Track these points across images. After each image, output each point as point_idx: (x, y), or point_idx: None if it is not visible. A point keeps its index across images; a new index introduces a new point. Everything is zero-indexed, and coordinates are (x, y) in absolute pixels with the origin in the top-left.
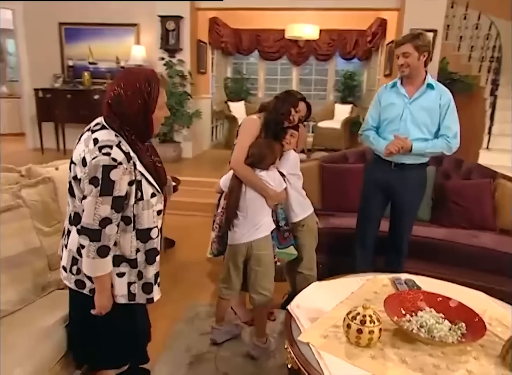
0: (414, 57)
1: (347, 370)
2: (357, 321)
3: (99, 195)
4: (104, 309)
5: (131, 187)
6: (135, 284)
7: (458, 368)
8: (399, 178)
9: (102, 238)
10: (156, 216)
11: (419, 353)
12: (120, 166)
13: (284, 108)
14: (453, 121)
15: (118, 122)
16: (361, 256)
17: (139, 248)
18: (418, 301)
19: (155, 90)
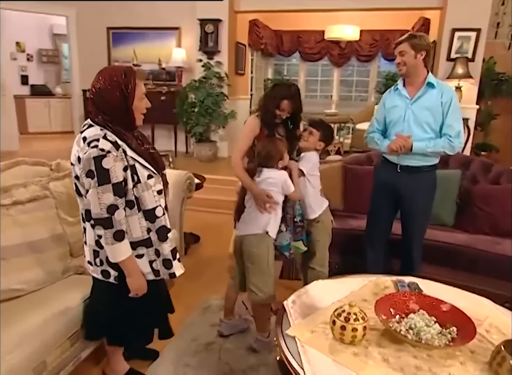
0: (410, 56)
1: (327, 365)
2: (341, 318)
3: (98, 185)
4: (139, 290)
5: (126, 172)
6: (155, 261)
7: (440, 371)
8: (405, 181)
9: (114, 224)
10: (157, 195)
11: (403, 354)
12: (109, 154)
13: (269, 105)
14: (456, 119)
15: (101, 116)
16: (371, 258)
17: (150, 228)
18: (411, 303)
19: (131, 83)
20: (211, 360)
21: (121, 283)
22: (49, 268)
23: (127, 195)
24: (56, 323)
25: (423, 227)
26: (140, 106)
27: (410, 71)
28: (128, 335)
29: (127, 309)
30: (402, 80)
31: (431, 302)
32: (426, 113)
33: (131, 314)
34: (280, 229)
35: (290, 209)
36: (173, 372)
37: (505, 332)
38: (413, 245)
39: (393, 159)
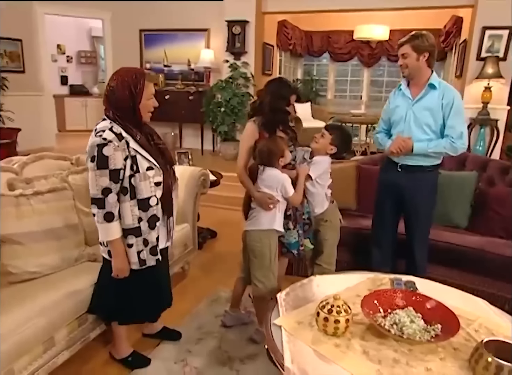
0: (413, 58)
1: (308, 354)
2: (325, 310)
3: (97, 168)
4: (120, 272)
5: (126, 161)
6: (143, 251)
7: (418, 365)
8: (406, 181)
9: (106, 205)
10: (154, 186)
11: (384, 348)
12: (110, 143)
13: (280, 105)
14: (458, 121)
15: (112, 111)
16: (377, 257)
17: (141, 217)
18: (397, 300)
19: (140, 84)
20: (211, 348)
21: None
22: (63, 254)
23: (122, 182)
24: (65, 304)
25: (425, 227)
26: (148, 104)
27: (413, 73)
28: (129, 312)
29: (129, 288)
30: (406, 81)
31: (417, 299)
32: (426, 114)
33: (132, 292)
34: (288, 226)
35: (300, 206)
36: (174, 357)
37: (494, 332)
38: (415, 245)
39: (394, 158)
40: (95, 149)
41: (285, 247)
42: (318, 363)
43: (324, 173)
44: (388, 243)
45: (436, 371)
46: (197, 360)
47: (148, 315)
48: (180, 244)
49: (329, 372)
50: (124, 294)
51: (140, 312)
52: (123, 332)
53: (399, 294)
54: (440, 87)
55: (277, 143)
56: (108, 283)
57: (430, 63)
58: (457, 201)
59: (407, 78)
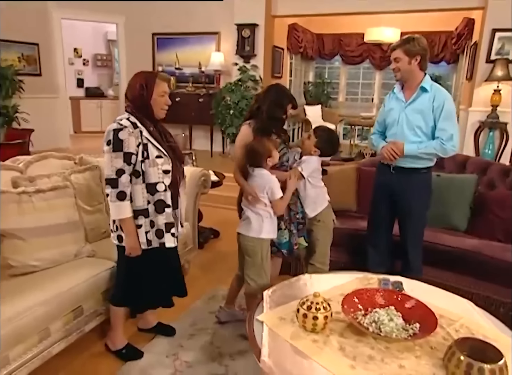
0: (405, 62)
1: (285, 348)
2: (304, 306)
3: (112, 151)
4: (133, 250)
5: (139, 147)
6: (150, 232)
7: (392, 361)
8: (398, 182)
9: (119, 185)
10: (162, 173)
11: (362, 345)
12: (125, 129)
13: (277, 113)
14: (448, 123)
15: (129, 106)
16: (373, 257)
17: (149, 200)
18: (378, 299)
19: (149, 82)
20: (203, 343)
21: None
22: (63, 249)
23: (135, 165)
24: (61, 297)
25: (418, 228)
26: (160, 101)
27: (405, 76)
28: (139, 297)
29: (138, 273)
30: (400, 84)
31: (398, 298)
32: (418, 116)
33: (144, 277)
34: (279, 226)
35: (294, 206)
36: (167, 351)
37: (474, 332)
38: (409, 246)
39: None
40: (111, 133)
41: (276, 247)
42: (295, 358)
43: (314, 172)
44: (383, 244)
45: (409, 368)
46: (189, 354)
47: (161, 300)
48: (179, 242)
49: (304, 366)
50: (137, 280)
51: (153, 297)
52: (120, 324)
53: (380, 293)
54: (432, 90)
55: (264, 144)
56: (122, 270)
57: (423, 66)
58: (457, 203)
59: (400, 82)
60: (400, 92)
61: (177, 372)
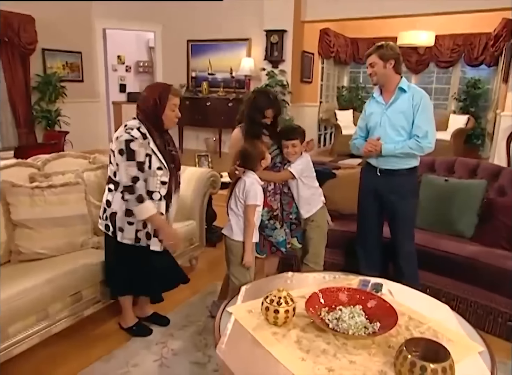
0: (380, 66)
1: (245, 338)
2: (267, 300)
3: (126, 160)
4: (173, 239)
5: (146, 158)
6: (141, 231)
7: (343, 357)
8: (384, 184)
9: (136, 190)
10: (160, 184)
11: (320, 340)
12: (136, 140)
13: (255, 116)
14: (424, 120)
15: (141, 115)
16: (364, 260)
17: None
18: (342, 297)
19: (163, 97)
20: (192, 334)
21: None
22: (69, 239)
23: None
24: (59, 281)
25: (406, 230)
26: (171, 115)
27: (382, 80)
28: (129, 285)
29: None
30: (379, 89)
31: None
32: (400, 116)
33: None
34: (275, 226)
35: (287, 206)
36: (157, 339)
37: (439, 336)
38: (398, 249)
39: (373, 162)
40: (123, 144)
41: (274, 246)
42: (251, 347)
43: (306, 171)
44: (374, 246)
45: (359, 364)
46: (177, 343)
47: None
48: (185, 239)
49: (257, 356)
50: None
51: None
52: (128, 306)
53: (344, 292)
54: (410, 90)
55: (257, 146)
56: (110, 258)
57: (398, 70)
58: (464, 210)
59: (379, 86)
60: (380, 96)
61: (162, 358)
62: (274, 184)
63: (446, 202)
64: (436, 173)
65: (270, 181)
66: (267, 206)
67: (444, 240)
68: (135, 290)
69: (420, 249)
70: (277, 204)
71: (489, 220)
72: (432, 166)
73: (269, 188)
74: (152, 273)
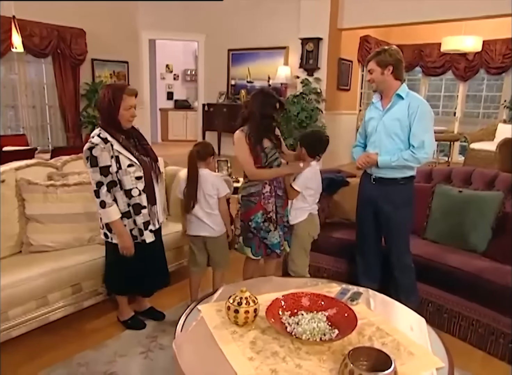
0: (377, 72)
1: (204, 335)
2: (230, 300)
3: (90, 166)
4: (127, 249)
5: (112, 160)
6: (134, 229)
7: (291, 360)
8: (379, 193)
9: (100, 195)
10: (135, 180)
11: (275, 342)
12: (97, 146)
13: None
14: (420, 129)
15: (100, 118)
16: (362, 268)
17: (129, 203)
18: (305, 303)
19: (117, 97)
20: None
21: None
22: (77, 235)
23: (112, 176)
24: (59, 272)
25: (400, 240)
26: (126, 114)
27: (380, 86)
28: (124, 286)
29: (124, 265)
30: (379, 95)
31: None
32: (395, 123)
33: (127, 269)
34: (269, 228)
35: (280, 209)
36: (148, 333)
37: (402, 348)
38: (394, 259)
39: (369, 170)
40: (87, 152)
41: (269, 248)
42: (207, 344)
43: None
44: (372, 254)
45: (304, 369)
46: (166, 338)
47: (144, 288)
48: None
49: (209, 352)
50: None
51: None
52: (123, 301)
53: (307, 298)
54: (408, 97)
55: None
56: (110, 262)
57: (397, 75)
58: (477, 223)
59: (379, 92)
60: (379, 101)
61: (149, 351)
62: (269, 187)
63: (459, 215)
64: (452, 184)
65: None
66: (261, 209)
67: (452, 254)
68: (129, 290)
69: (424, 262)
70: (271, 206)
71: (503, 234)
72: (449, 177)
73: (263, 191)
74: (146, 271)
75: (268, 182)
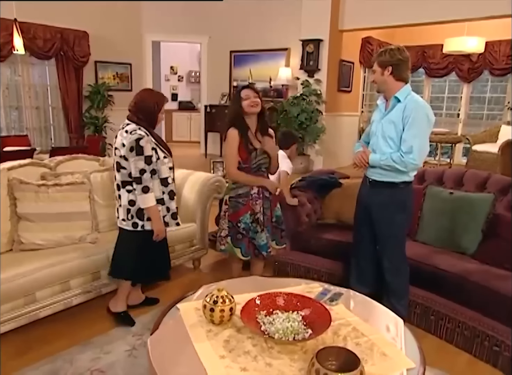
0: (378, 73)
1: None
2: (207, 298)
3: (136, 155)
4: (161, 232)
5: (152, 151)
6: (166, 216)
7: (263, 359)
8: (373, 196)
9: (143, 181)
10: (168, 170)
11: (249, 341)
12: (144, 137)
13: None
14: (411, 134)
15: (137, 117)
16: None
17: (164, 191)
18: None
19: (160, 102)
20: None
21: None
22: (68, 234)
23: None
24: (50, 270)
25: (391, 245)
26: (161, 117)
27: (382, 88)
28: (147, 273)
29: (148, 252)
30: (384, 96)
31: (296, 303)
32: (391, 127)
33: (150, 256)
34: (256, 229)
35: (268, 211)
36: (135, 331)
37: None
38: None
39: (365, 171)
40: (134, 142)
41: (257, 249)
42: (181, 341)
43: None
44: (367, 257)
45: (274, 368)
46: None
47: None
48: (185, 240)
49: (182, 350)
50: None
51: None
52: (125, 292)
53: (283, 297)
54: (405, 100)
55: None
56: (126, 249)
57: (398, 76)
58: (468, 225)
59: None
60: (383, 103)
61: (133, 349)
62: (257, 188)
63: (449, 216)
64: (443, 185)
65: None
66: (250, 210)
67: (441, 256)
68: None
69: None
70: (259, 208)
71: (492, 237)
72: (441, 178)
73: (252, 192)
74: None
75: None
